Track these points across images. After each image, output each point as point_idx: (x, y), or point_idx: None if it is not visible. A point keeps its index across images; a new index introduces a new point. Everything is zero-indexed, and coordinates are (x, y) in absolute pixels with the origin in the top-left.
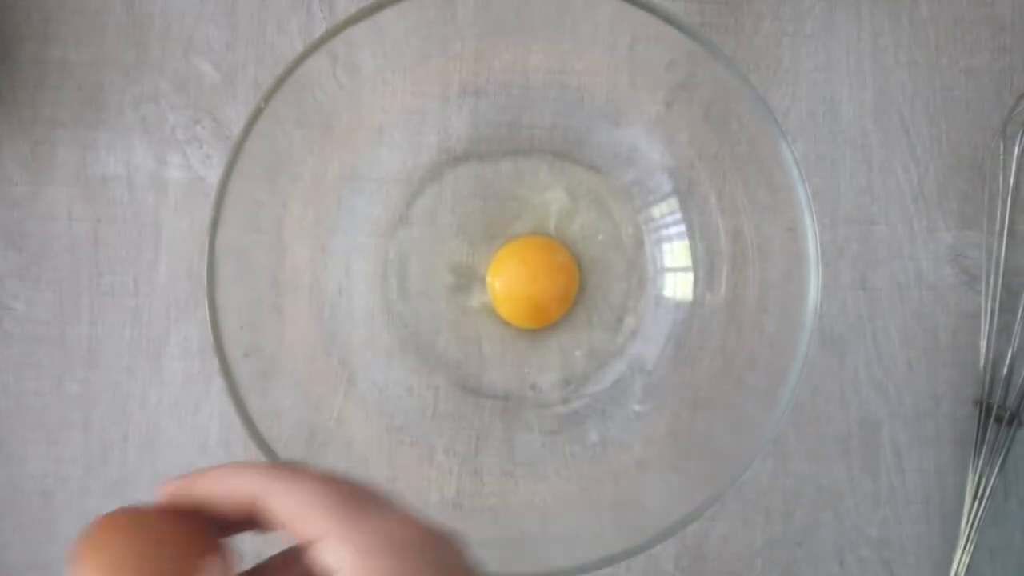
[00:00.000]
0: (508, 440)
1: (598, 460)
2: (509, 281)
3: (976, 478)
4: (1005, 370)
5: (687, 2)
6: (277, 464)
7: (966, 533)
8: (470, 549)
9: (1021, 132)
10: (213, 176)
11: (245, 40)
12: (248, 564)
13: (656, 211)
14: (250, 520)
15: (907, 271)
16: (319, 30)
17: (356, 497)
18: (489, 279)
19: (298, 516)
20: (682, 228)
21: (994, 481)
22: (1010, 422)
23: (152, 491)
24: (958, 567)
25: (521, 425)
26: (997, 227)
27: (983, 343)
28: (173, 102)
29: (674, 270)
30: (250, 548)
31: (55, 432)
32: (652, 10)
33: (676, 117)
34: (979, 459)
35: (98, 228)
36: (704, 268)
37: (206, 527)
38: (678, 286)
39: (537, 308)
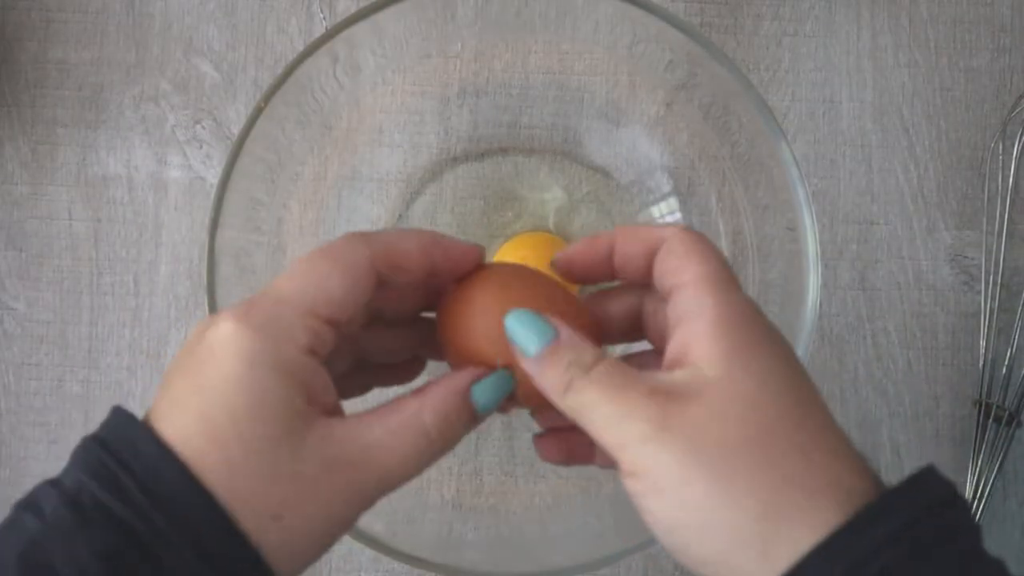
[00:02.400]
0: (508, 440)
1: None
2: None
3: (975, 478)
4: (1004, 370)
5: (687, 2)
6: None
7: None
8: None
9: (1021, 132)
10: (213, 176)
11: (245, 40)
12: None
13: (656, 211)
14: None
15: (906, 271)
16: (319, 30)
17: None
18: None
19: (683, 267)
20: None
21: (993, 481)
22: (1009, 422)
23: None
24: None
25: (521, 425)
26: (996, 227)
27: (982, 343)
28: (173, 102)
29: None
30: None
31: (56, 432)
32: (652, 10)
33: (676, 117)
34: (978, 459)
35: (98, 228)
36: None
37: None
38: None
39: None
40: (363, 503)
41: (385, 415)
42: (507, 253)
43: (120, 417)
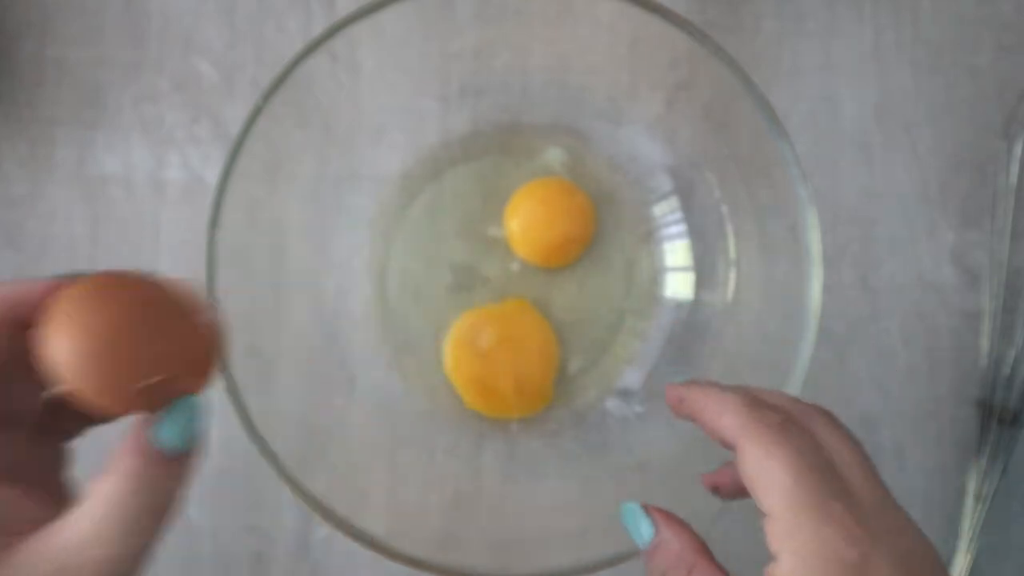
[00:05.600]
0: (508, 440)
1: (598, 460)
2: (527, 220)
3: (978, 479)
4: (1007, 370)
5: (688, 1)
6: (749, 404)
7: (968, 535)
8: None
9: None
10: (212, 176)
11: (244, 40)
12: None
13: (656, 211)
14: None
15: (908, 271)
16: (319, 29)
17: (816, 481)
18: (506, 220)
19: (758, 483)
20: (682, 228)
21: (997, 482)
22: (1012, 423)
23: None
24: (961, 569)
25: (521, 425)
26: (999, 226)
27: (985, 343)
28: (172, 101)
29: (674, 270)
30: None
31: None
32: (653, 9)
33: (677, 116)
34: (981, 460)
35: (97, 228)
36: (704, 268)
37: None
38: (678, 286)
39: (554, 247)
40: None
41: (89, 506)
42: (522, 200)
43: None
